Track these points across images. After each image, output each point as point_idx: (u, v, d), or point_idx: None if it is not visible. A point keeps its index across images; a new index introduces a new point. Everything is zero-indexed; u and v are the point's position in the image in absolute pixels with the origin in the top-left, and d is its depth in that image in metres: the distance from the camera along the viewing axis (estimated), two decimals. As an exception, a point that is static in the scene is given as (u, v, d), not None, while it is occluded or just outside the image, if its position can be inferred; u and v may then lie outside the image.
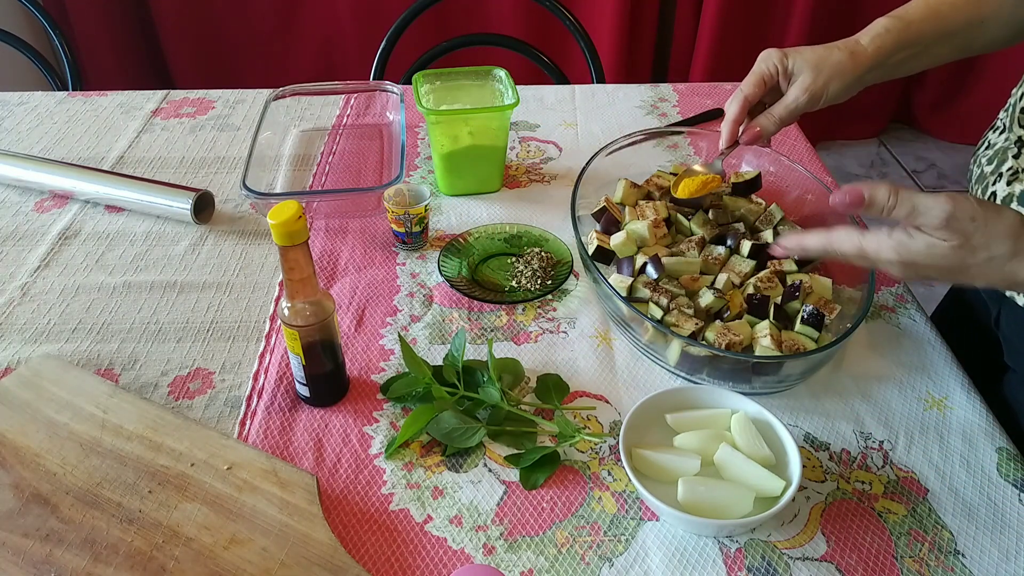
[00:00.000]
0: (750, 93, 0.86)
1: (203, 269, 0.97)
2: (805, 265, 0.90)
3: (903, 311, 0.91)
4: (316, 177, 1.14)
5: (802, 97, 0.84)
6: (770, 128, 0.87)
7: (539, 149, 1.21)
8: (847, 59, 0.82)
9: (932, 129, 3.00)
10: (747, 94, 0.86)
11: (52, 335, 0.87)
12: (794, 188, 1.01)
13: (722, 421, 0.73)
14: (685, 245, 0.92)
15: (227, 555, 0.64)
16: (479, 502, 0.70)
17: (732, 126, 0.88)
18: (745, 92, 0.86)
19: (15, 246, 1.00)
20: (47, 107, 1.32)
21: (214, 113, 1.31)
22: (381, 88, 1.24)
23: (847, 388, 0.81)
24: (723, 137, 0.89)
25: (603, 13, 2.53)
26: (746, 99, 0.86)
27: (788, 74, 0.85)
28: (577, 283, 0.94)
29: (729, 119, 0.88)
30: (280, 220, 0.66)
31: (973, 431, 0.77)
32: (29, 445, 0.73)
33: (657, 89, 1.38)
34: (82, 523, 0.66)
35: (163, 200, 1.03)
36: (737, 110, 0.87)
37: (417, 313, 0.90)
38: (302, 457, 0.74)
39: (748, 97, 0.86)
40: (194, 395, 0.80)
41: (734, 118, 0.88)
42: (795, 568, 0.65)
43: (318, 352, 0.74)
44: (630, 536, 0.67)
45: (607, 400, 0.80)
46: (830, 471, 0.73)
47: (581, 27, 1.53)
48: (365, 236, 1.02)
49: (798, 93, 0.84)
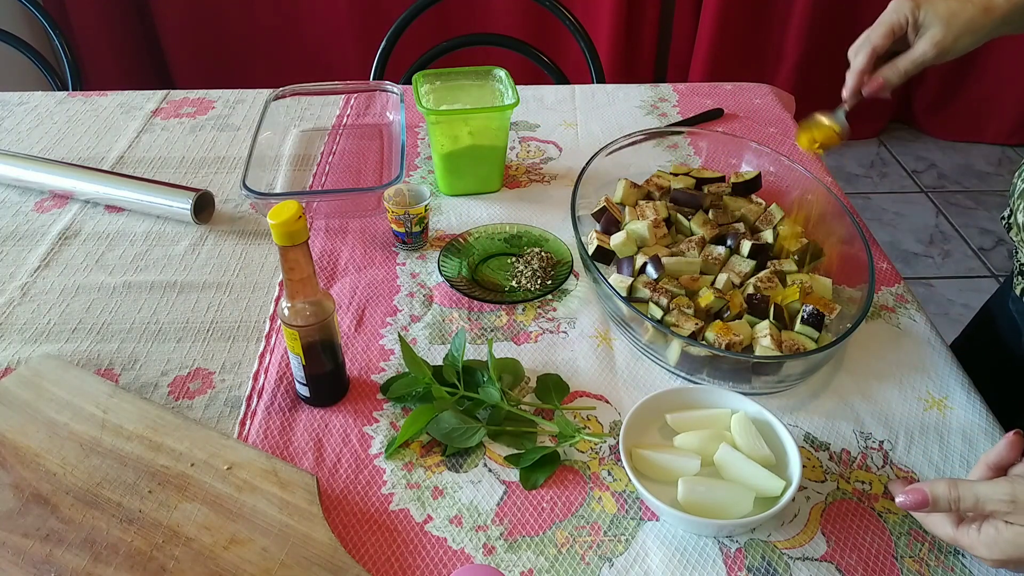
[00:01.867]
0: (879, 44, 0.83)
1: (203, 269, 0.97)
2: (805, 265, 0.90)
3: (903, 311, 0.91)
4: (316, 177, 1.14)
5: (931, 51, 0.81)
6: (894, 80, 0.84)
7: (539, 149, 1.21)
8: (980, 15, 0.80)
9: (932, 129, 2.99)
10: (875, 44, 0.83)
11: (52, 335, 0.87)
12: (794, 188, 1.01)
13: (722, 421, 0.73)
14: (685, 245, 0.92)
15: (227, 555, 0.64)
16: (479, 502, 0.70)
17: (858, 76, 0.85)
18: (874, 42, 0.83)
19: (15, 246, 1.00)
20: (47, 107, 1.32)
21: (214, 113, 1.31)
22: (381, 88, 1.24)
23: (847, 388, 0.81)
24: (847, 87, 0.86)
25: (603, 13, 2.53)
26: (874, 50, 0.83)
27: (918, 25, 0.82)
28: (577, 283, 0.94)
29: (855, 69, 0.85)
30: (280, 220, 0.66)
31: (973, 431, 0.77)
32: (29, 445, 0.73)
33: (657, 89, 1.38)
34: (82, 523, 0.66)
35: (163, 200, 1.03)
36: (864, 61, 0.84)
37: (417, 313, 0.90)
38: (302, 457, 0.74)
39: (876, 48, 0.83)
40: (194, 395, 0.80)
41: (861, 68, 0.84)
42: (795, 568, 0.65)
43: (318, 352, 0.74)
44: (630, 536, 0.67)
45: (607, 400, 0.80)
46: (830, 471, 0.73)
47: (581, 27, 1.53)
48: (365, 236, 1.02)
49: (927, 47, 0.81)
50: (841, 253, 0.91)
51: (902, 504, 0.60)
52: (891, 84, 0.85)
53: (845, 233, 0.91)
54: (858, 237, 0.88)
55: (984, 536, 0.58)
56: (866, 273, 0.83)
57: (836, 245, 0.92)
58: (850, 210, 0.94)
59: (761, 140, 1.15)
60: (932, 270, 2.38)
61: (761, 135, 1.23)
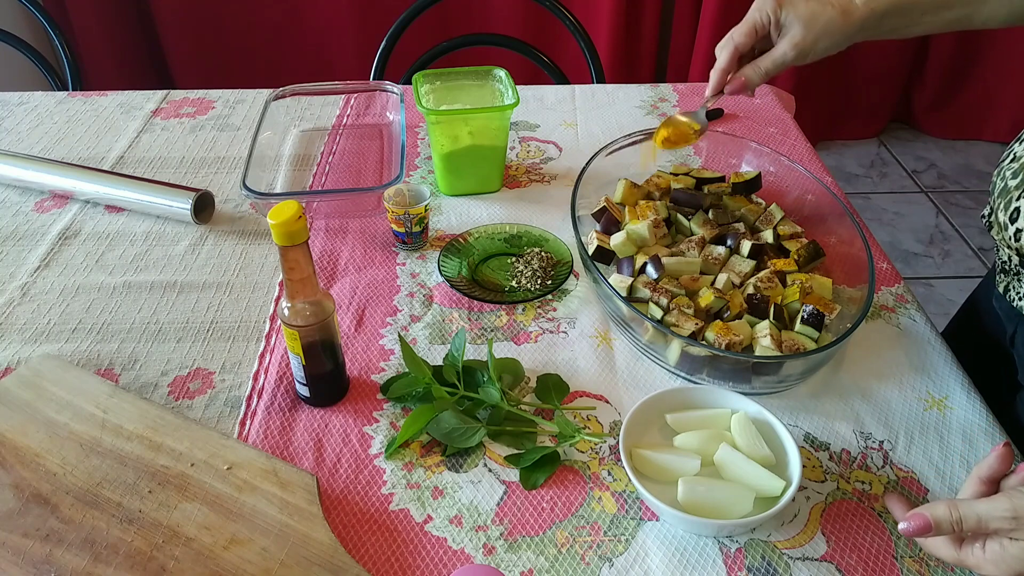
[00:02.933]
0: (741, 42, 0.85)
1: (203, 269, 0.97)
2: (805, 265, 0.90)
3: (903, 311, 0.91)
4: (316, 177, 1.14)
5: (790, 52, 0.83)
6: (755, 80, 0.86)
7: (539, 149, 1.21)
8: (838, 17, 0.82)
9: (931, 129, 3.00)
10: (738, 43, 0.85)
11: (52, 335, 0.87)
12: (794, 188, 1.01)
13: (722, 421, 0.73)
14: (685, 245, 0.92)
15: (227, 555, 0.64)
16: (479, 502, 0.70)
17: (720, 75, 0.87)
18: (736, 40, 0.85)
19: (15, 246, 1.00)
20: (47, 107, 1.32)
21: (214, 113, 1.31)
22: (381, 88, 1.24)
23: (847, 388, 0.81)
24: (710, 85, 0.88)
25: (603, 13, 2.53)
26: (736, 48, 0.85)
27: (780, 25, 0.84)
28: (577, 283, 0.94)
29: (718, 67, 0.87)
30: (280, 220, 0.66)
31: (973, 431, 0.77)
32: (29, 445, 0.73)
33: (657, 89, 1.38)
34: (82, 523, 0.66)
35: (163, 200, 1.03)
36: (727, 59, 0.86)
37: (417, 313, 0.90)
38: (302, 457, 0.74)
39: (738, 46, 0.85)
40: (194, 395, 0.80)
41: (723, 67, 0.86)
42: (795, 568, 0.65)
43: (318, 352, 0.74)
44: (630, 536, 0.67)
45: (607, 400, 0.80)
46: (830, 471, 0.73)
47: (581, 27, 1.53)
48: (365, 236, 1.02)
49: (787, 48, 0.83)
50: (841, 253, 0.91)
51: (905, 531, 0.60)
52: (752, 84, 0.86)
53: (845, 233, 0.91)
54: (858, 237, 0.88)
55: (990, 554, 0.58)
56: (866, 273, 0.83)
57: (836, 245, 0.92)
58: (850, 210, 0.94)
59: (761, 140, 1.15)
60: (932, 270, 2.38)
61: (761, 135, 1.23)
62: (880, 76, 2.83)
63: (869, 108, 2.91)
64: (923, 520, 0.59)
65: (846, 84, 2.80)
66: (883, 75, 2.83)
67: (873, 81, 2.84)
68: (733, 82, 0.87)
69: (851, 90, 2.83)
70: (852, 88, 2.83)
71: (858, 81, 2.82)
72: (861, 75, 2.80)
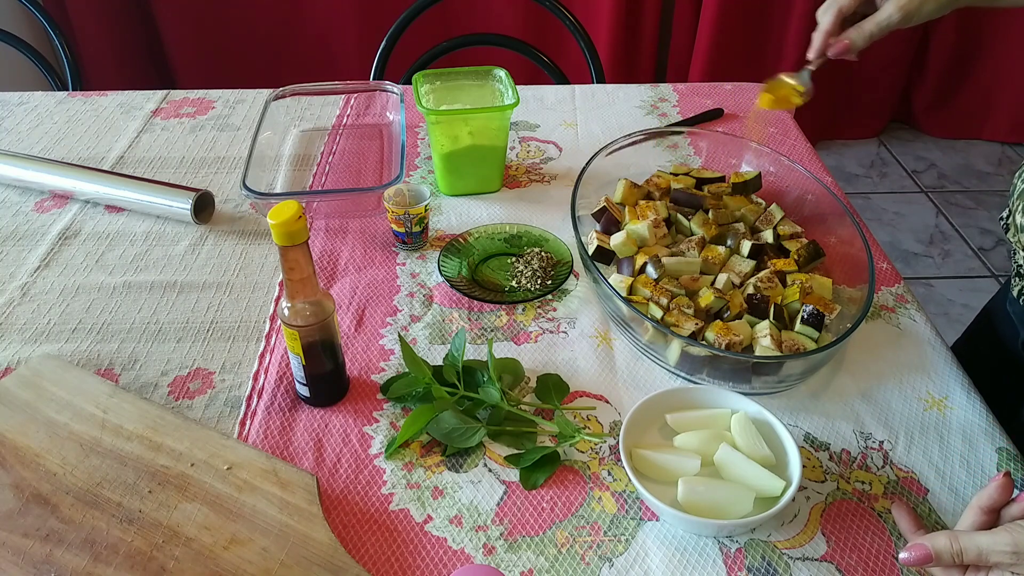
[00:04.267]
0: (845, 5, 0.83)
1: (203, 269, 0.97)
2: (805, 265, 0.90)
3: (903, 311, 0.91)
4: (316, 177, 1.14)
5: (896, 15, 0.81)
6: (859, 43, 0.83)
7: (539, 149, 1.21)
8: None
9: (931, 129, 3.00)
10: (842, 5, 0.83)
11: (52, 335, 0.87)
12: (794, 188, 1.01)
13: (722, 421, 0.73)
14: (685, 245, 0.92)
15: (227, 555, 0.64)
16: (479, 502, 0.70)
17: (824, 37, 0.85)
18: (840, 3, 0.83)
19: (15, 246, 1.00)
20: (47, 107, 1.32)
21: (214, 113, 1.31)
22: (381, 88, 1.24)
23: (847, 388, 0.81)
24: (813, 47, 0.86)
25: (603, 13, 2.53)
26: (840, 10, 0.83)
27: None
28: (577, 283, 0.94)
29: (821, 29, 0.85)
30: (280, 220, 0.66)
31: (973, 431, 0.77)
32: (29, 445, 0.73)
33: (657, 89, 1.38)
34: (82, 523, 0.66)
35: (163, 200, 1.03)
36: (831, 21, 0.84)
37: (417, 313, 0.90)
38: (302, 457, 0.74)
39: (843, 9, 0.83)
40: (194, 395, 0.80)
41: (827, 29, 0.84)
42: (795, 568, 0.65)
43: (318, 352, 0.74)
44: (630, 536, 0.67)
45: (607, 400, 0.80)
46: (830, 471, 0.73)
47: (581, 27, 1.53)
48: (365, 236, 1.02)
49: (892, 10, 0.81)
50: (841, 253, 0.91)
51: (906, 561, 0.60)
52: (856, 47, 0.84)
53: (845, 233, 0.91)
54: (858, 237, 0.88)
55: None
56: (866, 273, 0.83)
57: (836, 245, 0.92)
58: (850, 210, 0.94)
59: (761, 140, 1.15)
60: (932, 270, 2.38)
61: (761, 135, 1.23)
62: (880, 76, 2.83)
63: (869, 108, 2.91)
64: (924, 551, 0.59)
65: (846, 84, 2.80)
66: (883, 75, 2.83)
67: (873, 81, 2.84)
68: (837, 45, 0.84)
69: (851, 90, 2.83)
70: (852, 88, 2.83)
71: (858, 81, 2.82)
72: (861, 75, 2.80)
